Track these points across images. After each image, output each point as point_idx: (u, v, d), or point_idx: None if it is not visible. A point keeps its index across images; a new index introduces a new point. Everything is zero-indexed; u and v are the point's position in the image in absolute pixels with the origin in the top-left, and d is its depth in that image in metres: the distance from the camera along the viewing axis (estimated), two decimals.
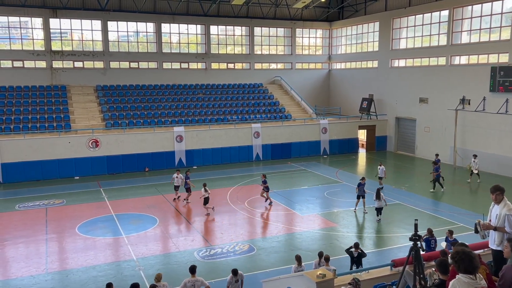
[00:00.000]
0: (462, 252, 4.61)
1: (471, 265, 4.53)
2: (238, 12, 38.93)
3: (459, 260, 4.58)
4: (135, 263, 15.16)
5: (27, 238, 17.60)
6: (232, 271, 11.61)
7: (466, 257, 4.55)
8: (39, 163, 27.10)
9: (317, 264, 12.17)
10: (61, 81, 34.41)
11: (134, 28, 36.94)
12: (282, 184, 25.75)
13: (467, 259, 4.54)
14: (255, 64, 41.25)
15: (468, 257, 4.56)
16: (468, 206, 21.15)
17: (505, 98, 26.73)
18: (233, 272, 11.56)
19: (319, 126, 34.60)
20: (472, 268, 4.53)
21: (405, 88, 34.82)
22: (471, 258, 4.55)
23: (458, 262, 4.59)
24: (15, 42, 33.62)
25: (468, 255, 4.57)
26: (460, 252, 4.62)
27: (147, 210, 21.06)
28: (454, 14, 30.68)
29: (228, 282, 11.59)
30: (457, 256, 4.62)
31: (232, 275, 11.53)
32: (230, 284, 11.57)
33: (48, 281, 13.87)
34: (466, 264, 4.53)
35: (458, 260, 4.59)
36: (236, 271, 11.62)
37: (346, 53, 42.55)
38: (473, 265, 4.54)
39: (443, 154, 31.56)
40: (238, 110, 36.06)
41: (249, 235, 17.91)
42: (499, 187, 7.27)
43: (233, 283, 11.57)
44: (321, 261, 12.07)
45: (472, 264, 4.54)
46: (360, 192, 20.30)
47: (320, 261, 12.08)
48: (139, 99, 34.80)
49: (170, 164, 30.29)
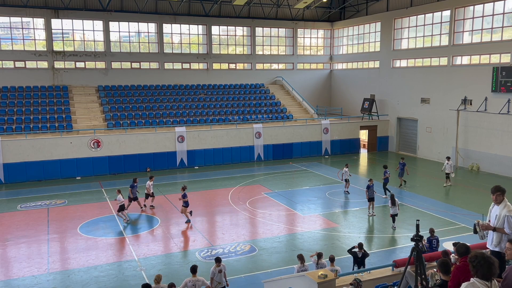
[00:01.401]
0: (482, 257, 4.44)
1: (490, 271, 4.38)
2: (240, 12, 38.95)
3: (478, 265, 4.42)
4: (136, 263, 15.17)
5: (29, 238, 17.62)
6: (216, 259, 11.91)
7: (486, 263, 4.39)
8: (41, 163, 27.14)
9: (316, 264, 12.18)
10: (63, 81, 34.47)
11: (135, 29, 36.98)
12: (284, 184, 25.74)
13: (486, 265, 4.39)
14: (257, 64, 41.26)
15: (488, 263, 4.40)
16: (469, 206, 21.11)
17: (507, 98, 26.70)
18: (216, 260, 11.84)
19: (320, 127, 34.59)
20: (490, 274, 4.38)
21: (407, 88, 34.79)
22: (490, 265, 4.39)
23: (476, 267, 4.42)
24: (17, 43, 33.69)
25: (487, 261, 4.40)
26: (479, 257, 4.45)
27: (148, 211, 21.09)
28: (456, 14, 30.64)
29: (212, 272, 11.83)
30: (475, 261, 4.46)
31: (216, 263, 11.81)
32: (214, 275, 11.80)
33: (50, 281, 13.89)
34: (485, 271, 4.38)
35: (476, 265, 4.43)
36: (219, 259, 11.90)
37: (347, 53, 42.53)
38: (491, 272, 4.39)
39: (444, 155, 31.53)
40: (239, 110, 36.07)
41: (250, 235, 17.91)
42: (500, 188, 7.26)
43: (217, 273, 11.77)
44: (319, 262, 12.09)
45: (491, 271, 4.38)
46: (370, 194, 19.98)
47: (318, 262, 12.09)
48: (141, 99, 34.84)
49: (172, 164, 30.31)
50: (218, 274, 11.82)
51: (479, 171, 28.68)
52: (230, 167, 30.68)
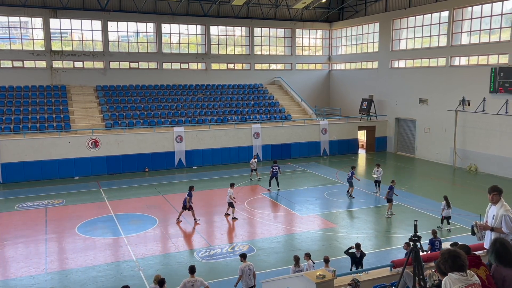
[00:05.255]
0: (447, 252, 4.46)
1: (456, 264, 4.37)
2: (238, 12, 38.95)
3: (443, 260, 4.45)
4: (134, 263, 15.15)
5: (27, 238, 17.59)
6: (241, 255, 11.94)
7: (450, 257, 4.40)
8: (39, 163, 27.10)
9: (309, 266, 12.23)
10: (61, 81, 34.41)
11: (134, 29, 36.95)
12: (282, 184, 25.72)
13: (450, 259, 4.39)
14: (255, 64, 41.26)
15: (452, 257, 4.40)
16: (467, 206, 21.13)
17: (505, 99, 26.75)
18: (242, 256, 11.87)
19: (319, 127, 34.60)
20: (457, 266, 4.37)
21: (405, 89, 34.82)
22: (454, 257, 4.39)
23: (443, 263, 4.44)
24: (15, 42, 33.63)
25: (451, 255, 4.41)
26: (445, 253, 4.48)
27: (146, 211, 21.05)
28: (454, 15, 30.69)
29: (240, 270, 11.71)
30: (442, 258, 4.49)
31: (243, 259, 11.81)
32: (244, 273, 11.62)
33: (48, 281, 13.86)
34: (450, 264, 4.39)
35: (442, 260, 4.46)
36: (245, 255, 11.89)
37: (346, 53, 42.56)
38: (457, 264, 4.37)
39: (443, 155, 31.63)
40: (238, 110, 36.06)
41: (248, 235, 17.91)
42: (497, 188, 7.27)
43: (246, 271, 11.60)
44: (308, 263, 12.15)
45: (457, 263, 4.37)
46: (390, 195, 19.59)
47: (308, 264, 12.15)
48: (139, 99, 34.81)
49: (170, 164, 30.29)
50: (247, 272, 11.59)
51: (477, 172, 28.73)
52: (228, 167, 30.66)
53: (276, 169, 24.49)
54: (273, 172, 24.60)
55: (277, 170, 24.55)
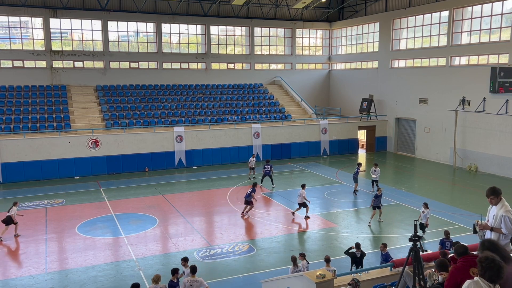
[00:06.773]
0: (492, 260, 4.40)
1: (498, 275, 4.35)
2: (238, 12, 38.94)
3: (487, 266, 4.39)
4: (134, 263, 15.16)
5: (27, 238, 17.59)
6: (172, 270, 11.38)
7: (495, 266, 4.36)
8: (39, 163, 27.10)
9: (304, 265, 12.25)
10: (61, 81, 34.41)
11: (134, 28, 36.94)
12: (282, 184, 25.73)
13: (495, 268, 4.35)
14: (255, 64, 41.26)
15: (497, 266, 4.36)
16: (467, 206, 21.14)
17: (505, 99, 26.75)
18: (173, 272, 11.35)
19: (319, 127, 34.61)
20: (497, 278, 4.36)
21: (405, 88, 34.82)
22: (499, 268, 4.36)
23: (485, 268, 4.39)
24: (15, 42, 33.62)
25: (497, 264, 4.37)
26: (490, 259, 4.42)
27: (146, 210, 21.06)
28: (454, 14, 30.69)
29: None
30: (486, 262, 4.43)
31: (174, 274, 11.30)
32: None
33: (48, 281, 13.87)
34: (492, 274, 4.35)
35: (485, 266, 4.41)
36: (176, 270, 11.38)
37: (346, 53, 42.56)
38: (499, 276, 4.36)
39: (443, 155, 31.63)
40: (238, 110, 36.06)
41: (249, 235, 17.92)
42: (493, 191, 7.23)
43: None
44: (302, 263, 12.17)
45: (499, 275, 4.35)
46: (376, 203, 18.91)
47: (302, 263, 12.16)
48: (139, 99, 34.80)
49: (170, 164, 30.30)
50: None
51: (477, 172, 28.73)
52: (228, 167, 30.66)
53: (268, 168, 24.86)
54: (265, 171, 24.94)
55: (269, 169, 24.84)
